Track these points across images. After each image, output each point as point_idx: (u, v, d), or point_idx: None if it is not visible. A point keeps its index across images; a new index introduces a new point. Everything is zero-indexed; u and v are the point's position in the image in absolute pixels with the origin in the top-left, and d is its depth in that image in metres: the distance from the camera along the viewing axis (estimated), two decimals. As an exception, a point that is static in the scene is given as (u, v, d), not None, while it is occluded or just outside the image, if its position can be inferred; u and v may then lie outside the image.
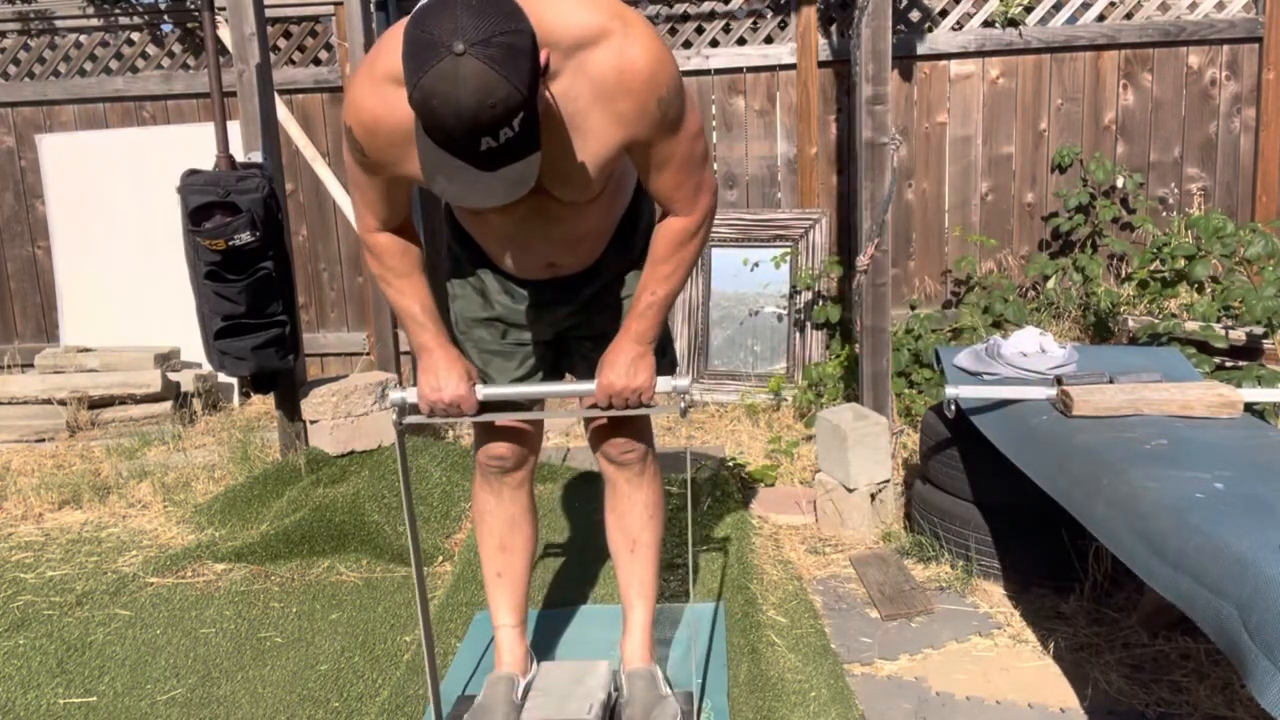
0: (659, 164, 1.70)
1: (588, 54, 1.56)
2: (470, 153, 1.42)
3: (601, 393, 1.83)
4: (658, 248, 1.80)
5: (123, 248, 5.15)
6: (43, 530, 3.43)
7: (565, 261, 1.90)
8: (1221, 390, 2.44)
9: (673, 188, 1.73)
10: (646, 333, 1.82)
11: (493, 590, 2.14)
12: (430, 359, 1.84)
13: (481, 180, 1.45)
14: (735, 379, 4.71)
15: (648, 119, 1.61)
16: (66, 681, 2.40)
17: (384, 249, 1.82)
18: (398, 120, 1.56)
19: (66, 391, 4.55)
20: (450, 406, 1.82)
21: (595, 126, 1.61)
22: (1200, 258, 3.75)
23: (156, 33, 5.17)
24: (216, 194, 3.20)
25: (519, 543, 2.12)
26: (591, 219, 1.84)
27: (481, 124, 1.37)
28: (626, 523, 2.08)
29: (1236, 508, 1.77)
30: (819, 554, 3.03)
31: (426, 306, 1.85)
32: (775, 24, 4.83)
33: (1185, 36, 4.66)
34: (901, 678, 2.33)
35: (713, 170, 1.82)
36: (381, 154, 1.64)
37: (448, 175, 1.45)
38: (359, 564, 3.02)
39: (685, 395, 1.82)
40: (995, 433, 2.58)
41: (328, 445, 3.64)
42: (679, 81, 1.65)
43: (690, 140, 1.70)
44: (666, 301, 1.83)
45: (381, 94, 1.58)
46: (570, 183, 1.69)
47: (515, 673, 2.09)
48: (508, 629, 2.13)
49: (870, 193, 3.40)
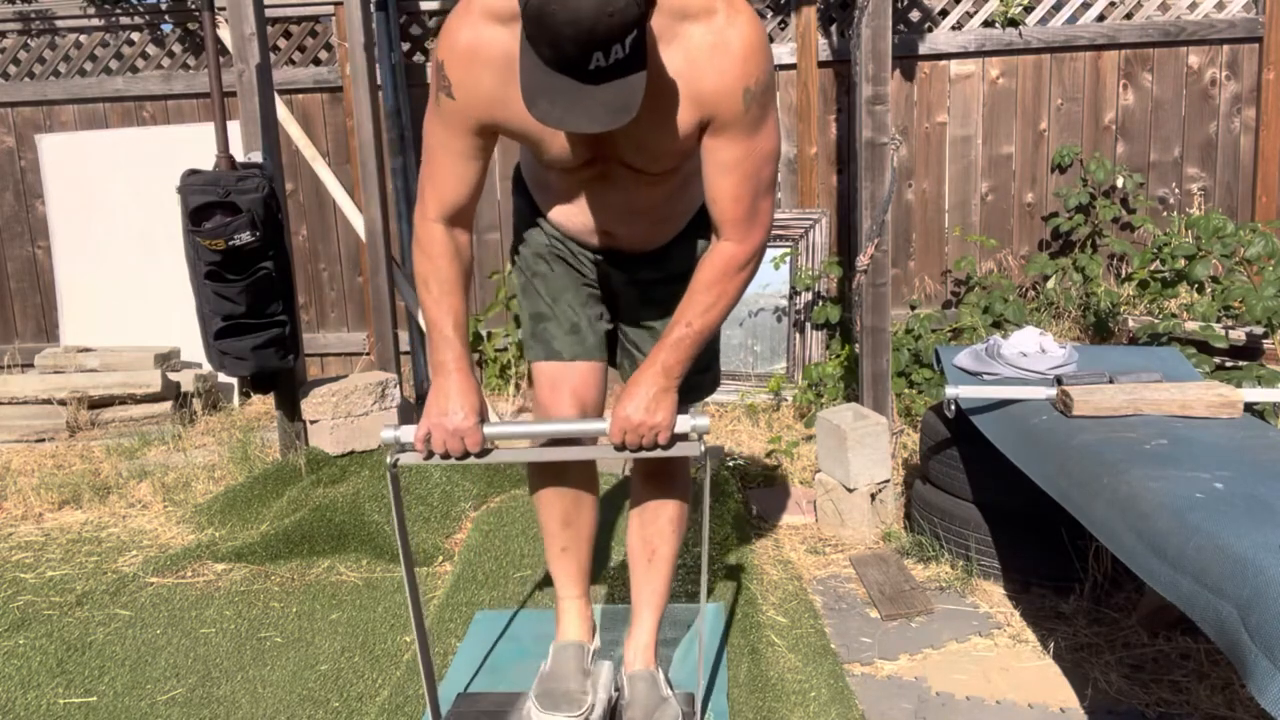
0: (726, 165, 1.66)
1: (689, 26, 1.57)
2: (579, 69, 1.39)
3: (617, 427, 1.72)
4: (702, 275, 1.74)
5: (123, 248, 5.16)
6: (43, 530, 3.43)
7: (619, 232, 1.86)
8: (1221, 390, 2.44)
9: (732, 200, 1.69)
10: (675, 367, 1.73)
11: (557, 565, 2.07)
12: (446, 381, 1.75)
13: (584, 101, 1.42)
14: (735, 379, 4.71)
15: (729, 105, 1.60)
16: (66, 681, 2.40)
17: (436, 245, 1.76)
18: (494, 54, 1.57)
19: (66, 391, 4.55)
20: (452, 436, 1.73)
21: (679, 99, 1.60)
22: (1200, 258, 3.75)
23: (156, 33, 5.17)
24: (216, 194, 3.20)
25: (585, 516, 2.06)
26: (653, 197, 1.81)
27: (598, 35, 1.35)
28: (648, 532, 2.06)
29: (1236, 508, 1.77)
30: (819, 554, 3.03)
31: (458, 323, 1.78)
32: (775, 24, 4.83)
33: (1185, 36, 4.66)
34: (901, 678, 2.33)
35: (774, 207, 1.80)
36: (472, 91, 1.63)
37: (550, 97, 1.42)
38: (359, 564, 3.02)
39: (704, 437, 1.73)
40: (995, 433, 2.58)
41: (328, 445, 3.64)
42: (770, 81, 1.63)
43: (763, 156, 1.67)
44: (702, 336, 1.74)
45: (478, 29, 1.59)
46: (646, 152, 1.68)
47: (583, 640, 2.05)
48: (572, 600, 2.08)
49: (870, 193, 3.40)
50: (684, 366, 1.74)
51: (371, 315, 4.68)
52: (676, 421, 1.74)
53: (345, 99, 5.00)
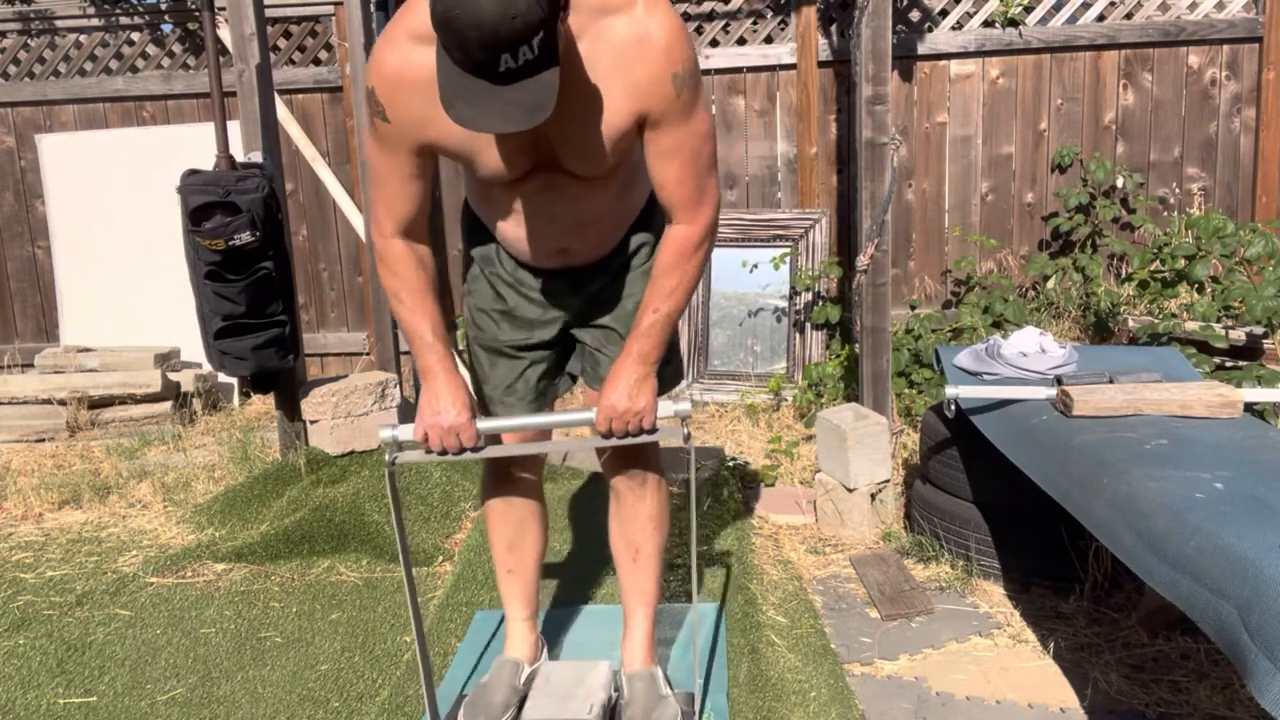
0: (667, 151, 1.71)
1: (609, 21, 1.61)
2: (490, 71, 1.43)
3: (603, 415, 1.79)
4: (661, 261, 1.80)
5: (123, 248, 5.15)
6: (43, 530, 3.43)
7: (575, 247, 1.89)
8: (1221, 390, 2.44)
9: (677, 183, 1.74)
10: (650, 353, 1.80)
11: (504, 586, 2.19)
12: (435, 383, 1.81)
13: (497, 102, 1.45)
14: (735, 379, 4.71)
15: (662, 94, 1.64)
16: (66, 681, 2.40)
17: (399, 260, 1.81)
18: (421, 76, 1.59)
19: (66, 391, 4.54)
20: (448, 433, 1.79)
21: (611, 96, 1.64)
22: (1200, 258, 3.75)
23: (156, 33, 5.17)
24: (216, 194, 3.20)
25: (528, 542, 2.16)
26: (601, 203, 1.84)
27: (502, 37, 1.38)
28: (630, 531, 2.09)
29: (1236, 508, 1.77)
30: (819, 554, 3.03)
31: (437, 328, 1.83)
32: (775, 24, 4.83)
33: (1185, 36, 4.66)
34: (901, 678, 2.33)
35: (718, 182, 1.83)
36: (404, 113, 1.65)
37: (466, 99, 1.46)
38: (359, 564, 3.02)
39: (687, 420, 1.79)
40: (995, 433, 2.58)
41: (328, 445, 3.64)
42: (695, 65, 1.68)
43: (701, 137, 1.73)
44: (670, 319, 1.80)
45: (404, 52, 1.62)
46: (584, 154, 1.71)
47: (521, 659, 2.15)
48: (518, 621, 2.19)
49: (870, 193, 3.40)
50: (659, 351, 1.81)
51: (371, 315, 4.68)
52: (659, 407, 1.81)
53: (345, 99, 5.00)
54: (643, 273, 1.93)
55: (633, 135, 1.70)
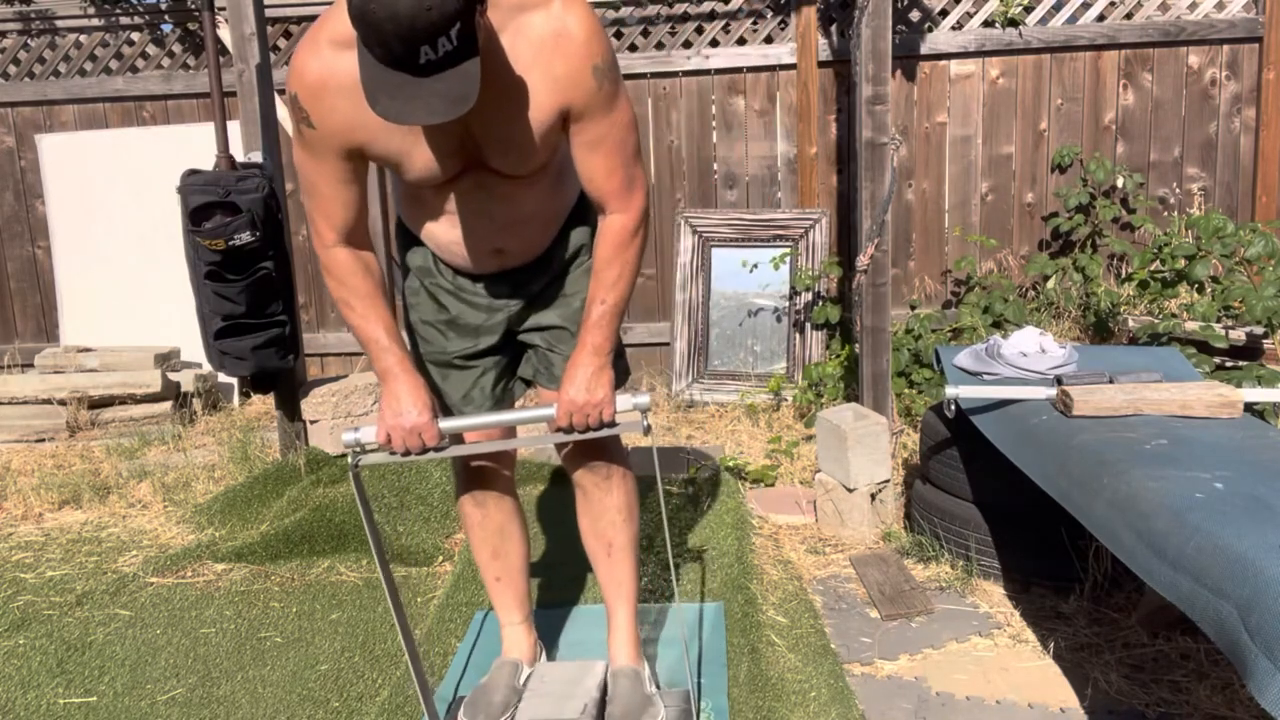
0: (593, 143, 1.73)
1: (527, 17, 1.63)
2: (410, 64, 1.43)
3: (563, 409, 1.81)
4: (601, 252, 1.82)
5: (123, 248, 5.15)
6: (43, 530, 3.43)
7: (510, 247, 1.90)
8: (1221, 390, 2.44)
9: (605, 174, 1.76)
10: (603, 345, 1.82)
11: (494, 593, 2.19)
12: (394, 384, 1.81)
13: (421, 94, 1.46)
14: (735, 379, 4.71)
15: (583, 86, 1.67)
16: (66, 681, 2.40)
17: (343, 267, 1.82)
18: (345, 81, 1.60)
19: (66, 391, 4.55)
20: (410, 434, 1.79)
21: (533, 91, 1.66)
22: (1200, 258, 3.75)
23: (156, 33, 5.17)
24: (216, 194, 3.20)
25: (511, 547, 2.16)
26: (532, 201, 1.85)
27: (419, 29, 1.39)
28: (600, 527, 2.08)
29: (1236, 508, 1.77)
30: (819, 554, 3.03)
31: (390, 330, 1.84)
32: (775, 24, 4.83)
33: (1185, 36, 4.66)
34: (901, 678, 2.33)
35: (645, 171, 1.85)
36: (329, 118, 1.66)
37: (390, 93, 1.46)
38: (359, 564, 3.02)
39: (646, 413, 1.80)
40: (995, 433, 2.58)
41: (328, 445, 3.64)
42: (613, 58, 1.71)
43: (624, 127, 1.75)
44: (618, 309, 1.83)
45: (325, 58, 1.63)
46: (510, 150, 1.72)
47: (520, 659, 2.16)
48: (514, 626, 2.19)
49: (870, 193, 3.40)
50: (611, 342, 1.83)
51: (371, 315, 4.68)
52: (617, 400, 1.82)
53: (345, 99, 5.00)
54: (585, 270, 1.95)
55: (558, 129, 1.72)
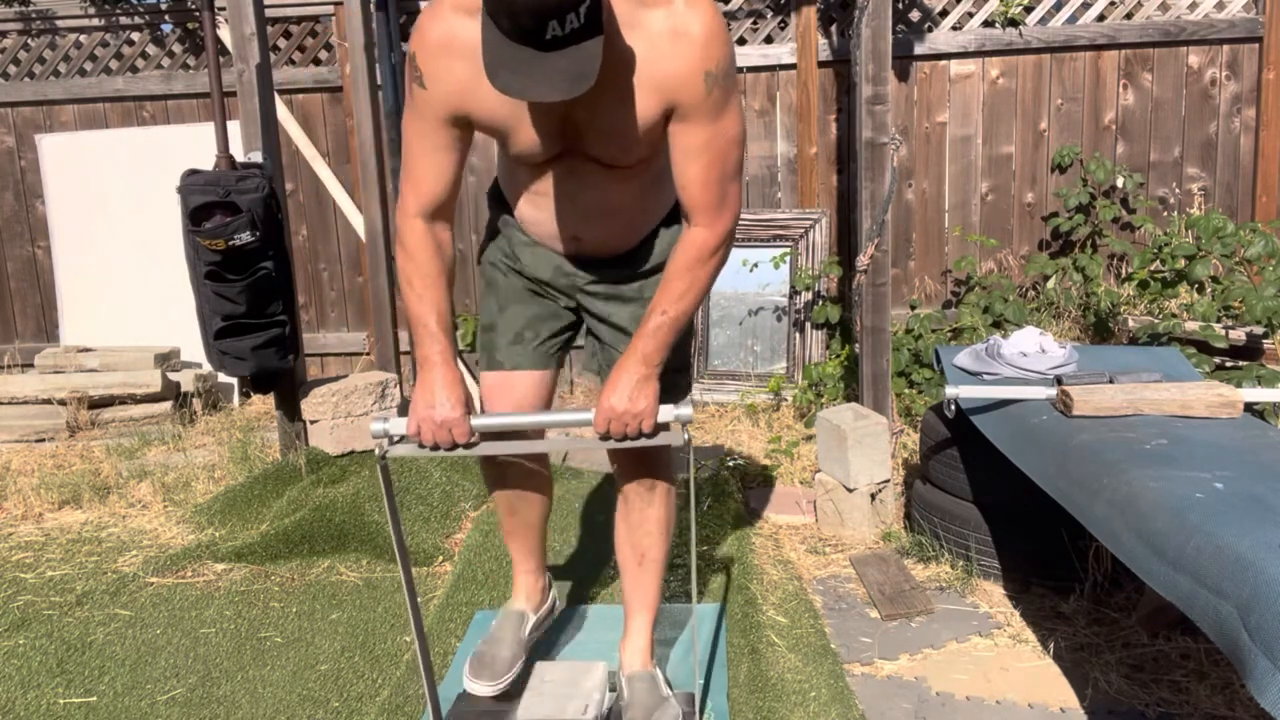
0: (693, 150, 1.70)
1: (649, 13, 1.61)
2: (537, 38, 1.43)
3: (601, 416, 1.75)
4: (675, 262, 1.78)
5: (123, 248, 5.15)
6: (43, 530, 3.43)
7: (588, 236, 1.90)
8: (1221, 390, 2.44)
9: (700, 185, 1.72)
10: (654, 355, 1.76)
11: (510, 543, 2.23)
12: (431, 375, 1.78)
13: (543, 70, 1.46)
14: (735, 379, 4.71)
15: (691, 89, 1.64)
16: (66, 681, 2.40)
17: (417, 239, 1.80)
18: (466, 46, 1.62)
19: (66, 391, 4.54)
20: (440, 428, 1.75)
21: (640, 85, 1.64)
22: (1200, 258, 3.75)
23: (156, 33, 5.17)
24: (216, 194, 3.20)
25: (527, 506, 2.17)
26: (623, 195, 1.84)
27: (550, 4, 1.39)
28: (636, 537, 2.08)
29: (1236, 508, 1.77)
30: (819, 554, 3.03)
31: (441, 318, 1.81)
32: (775, 24, 4.83)
33: (1185, 36, 4.66)
34: (901, 678, 2.33)
35: (742, 190, 1.82)
36: (443, 81, 1.67)
37: (511, 68, 1.47)
38: (359, 564, 3.02)
39: (688, 425, 1.75)
40: (995, 433, 2.58)
41: (328, 445, 3.64)
42: (731, 66, 1.67)
43: (729, 140, 1.71)
44: (677, 323, 1.77)
45: (449, 22, 1.65)
46: (609, 139, 1.71)
47: (525, 608, 2.21)
48: (524, 573, 2.23)
49: (870, 193, 3.40)
50: (663, 354, 1.78)
51: (371, 315, 4.68)
52: (659, 410, 1.76)
53: (345, 99, 5.00)
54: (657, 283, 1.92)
55: (660, 127, 1.70)
